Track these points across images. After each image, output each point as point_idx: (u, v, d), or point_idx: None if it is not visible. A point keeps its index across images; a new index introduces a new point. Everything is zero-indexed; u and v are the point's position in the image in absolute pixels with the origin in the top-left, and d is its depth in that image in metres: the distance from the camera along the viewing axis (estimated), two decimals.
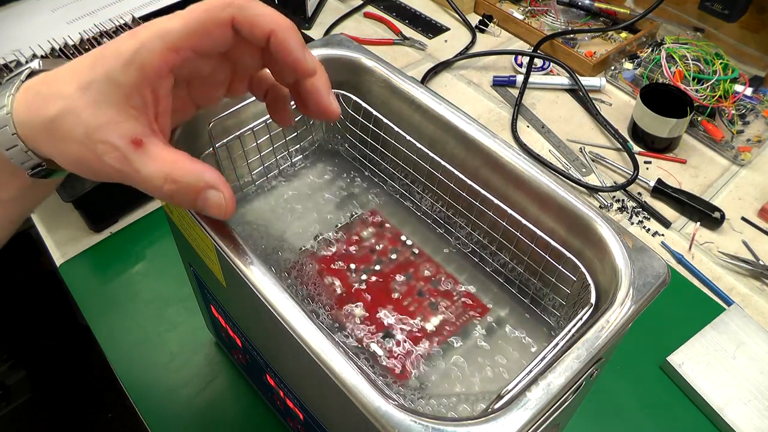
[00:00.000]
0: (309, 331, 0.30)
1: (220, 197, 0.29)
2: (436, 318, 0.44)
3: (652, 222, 0.72)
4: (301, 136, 0.52)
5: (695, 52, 0.85)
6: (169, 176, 0.28)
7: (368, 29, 1.00)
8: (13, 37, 0.72)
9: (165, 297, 0.63)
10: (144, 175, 0.28)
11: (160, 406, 0.55)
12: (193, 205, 0.30)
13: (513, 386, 0.30)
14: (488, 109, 0.86)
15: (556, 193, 0.40)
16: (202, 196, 0.29)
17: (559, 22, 1.00)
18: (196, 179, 0.29)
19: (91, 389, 1.34)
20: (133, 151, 0.28)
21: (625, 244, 0.36)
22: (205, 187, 0.29)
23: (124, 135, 0.28)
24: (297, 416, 0.44)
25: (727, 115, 0.83)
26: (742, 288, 0.66)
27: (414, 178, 0.49)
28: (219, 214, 0.30)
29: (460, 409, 0.39)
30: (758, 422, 0.54)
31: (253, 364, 0.48)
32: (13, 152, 0.30)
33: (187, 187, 0.29)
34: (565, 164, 0.78)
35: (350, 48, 0.48)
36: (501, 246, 0.45)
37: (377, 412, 0.28)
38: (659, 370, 0.59)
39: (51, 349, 1.39)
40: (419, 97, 0.46)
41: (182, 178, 0.29)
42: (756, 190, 0.76)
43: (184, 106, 0.34)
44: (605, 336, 0.32)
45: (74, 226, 0.68)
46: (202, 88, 0.34)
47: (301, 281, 0.46)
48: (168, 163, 0.29)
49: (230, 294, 0.41)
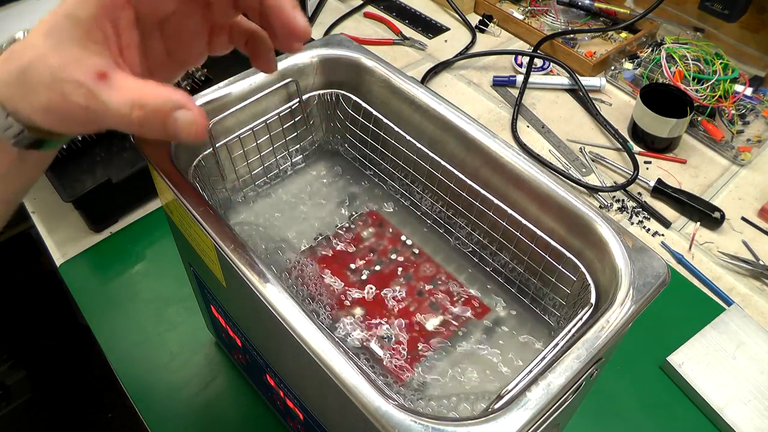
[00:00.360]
0: (309, 331, 0.30)
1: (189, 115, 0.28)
2: (436, 318, 0.44)
3: (652, 222, 0.72)
4: (301, 136, 0.52)
5: (695, 52, 0.85)
6: (136, 102, 0.28)
7: (368, 29, 1.00)
8: None
9: (165, 297, 0.63)
10: (112, 108, 0.28)
11: (160, 406, 0.55)
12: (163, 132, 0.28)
13: (513, 386, 0.30)
14: (488, 109, 0.86)
15: (556, 193, 0.40)
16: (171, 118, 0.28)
17: (559, 22, 1.00)
18: (163, 101, 0.28)
19: (91, 389, 1.34)
20: (98, 84, 0.28)
21: (625, 244, 0.36)
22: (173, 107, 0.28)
23: (87, 70, 0.28)
24: (297, 416, 0.44)
25: (727, 115, 0.83)
26: (742, 288, 0.66)
27: (414, 178, 0.49)
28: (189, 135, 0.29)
29: (460, 409, 0.39)
30: (758, 422, 0.54)
31: (253, 364, 0.48)
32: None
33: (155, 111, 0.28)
34: (565, 164, 0.78)
35: (350, 48, 0.48)
36: (501, 246, 0.45)
37: (377, 412, 0.28)
38: (659, 370, 0.59)
39: (51, 349, 1.39)
40: (419, 97, 0.46)
41: (149, 102, 0.28)
42: (756, 190, 0.76)
43: (164, 61, 0.34)
44: (605, 336, 0.32)
45: (74, 226, 0.68)
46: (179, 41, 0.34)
47: (301, 281, 0.46)
48: (134, 90, 0.28)
49: (230, 294, 0.41)
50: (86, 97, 0.28)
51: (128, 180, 0.65)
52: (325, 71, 0.49)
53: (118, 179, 0.64)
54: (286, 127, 0.49)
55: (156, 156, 0.38)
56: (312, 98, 0.50)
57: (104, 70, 0.28)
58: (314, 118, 0.52)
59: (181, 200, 0.36)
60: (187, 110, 0.28)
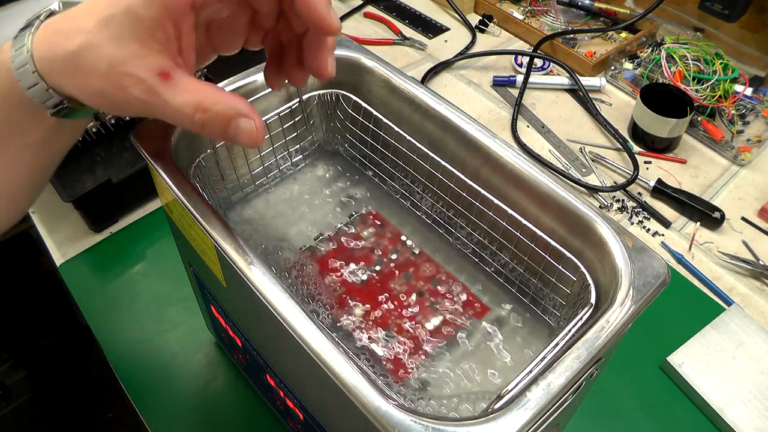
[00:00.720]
0: (309, 331, 0.30)
1: (251, 125, 0.30)
2: (436, 318, 0.44)
3: (652, 222, 0.72)
4: (301, 136, 0.52)
5: (695, 52, 0.85)
6: (200, 105, 0.29)
7: (368, 29, 1.00)
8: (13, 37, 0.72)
9: (165, 297, 0.63)
10: (174, 106, 0.29)
11: (160, 406, 0.55)
12: (223, 134, 0.30)
13: (513, 386, 0.30)
14: (488, 109, 0.86)
15: (556, 193, 0.40)
16: (233, 123, 0.29)
17: (559, 22, 1.00)
18: (227, 107, 0.29)
19: (91, 389, 1.34)
20: (161, 83, 0.28)
21: (625, 244, 0.36)
22: (237, 115, 0.29)
23: (149, 68, 0.28)
24: (297, 416, 0.44)
25: (727, 115, 0.83)
26: (742, 288, 0.66)
27: (414, 178, 0.49)
28: (249, 142, 0.30)
29: (460, 409, 0.39)
30: (758, 422, 0.54)
31: (253, 364, 0.48)
32: (35, 90, 0.30)
33: (219, 115, 0.29)
34: (565, 164, 0.78)
35: (350, 48, 0.48)
36: (501, 246, 0.45)
37: (377, 412, 0.28)
38: (659, 370, 0.59)
39: (51, 349, 1.39)
40: (419, 97, 0.46)
41: (214, 106, 0.29)
42: (756, 190, 0.76)
43: (203, 49, 0.35)
44: (605, 336, 0.32)
45: (74, 226, 0.68)
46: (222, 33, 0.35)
47: (301, 281, 0.46)
48: (198, 93, 0.29)
49: (230, 294, 0.41)
50: (147, 92, 0.28)
51: (128, 180, 0.65)
52: None
53: (118, 179, 0.64)
54: (286, 127, 0.49)
55: (156, 156, 0.38)
56: (312, 98, 0.50)
57: (167, 69, 0.29)
58: (314, 118, 0.52)
59: (181, 200, 0.36)
60: (249, 119, 0.30)
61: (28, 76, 0.30)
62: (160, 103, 0.29)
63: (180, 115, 0.29)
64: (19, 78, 0.30)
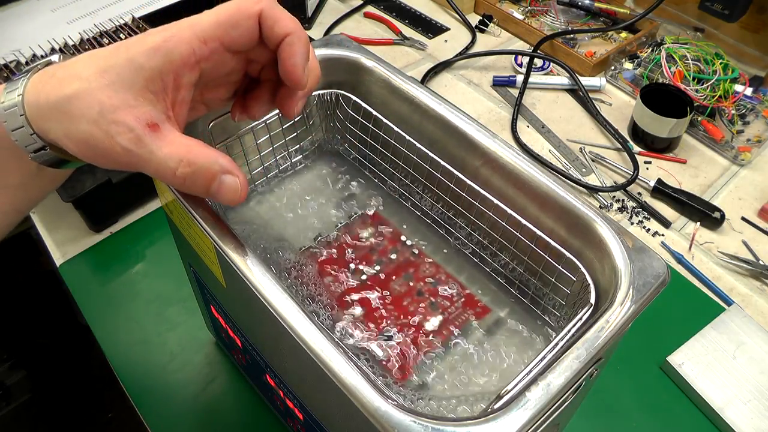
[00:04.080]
0: (309, 332, 0.30)
1: (235, 182, 0.30)
2: (436, 318, 0.44)
3: (652, 222, 0.72)
4: (300, 136, 0.52)
5: (695, 52, 0.85)
6: (184, 159, 0.29)
7: (368, 29, 1.00)
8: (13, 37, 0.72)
9: (165, 297, 0.63)
10: (158, 158, 0.29)
11: (160, 406, 0.55)
12: (205, 190, 0.30)
13: (513, 386, 0.30)
14: (488, 109, 0.86)
15: (556, 193, 0.40)
16: (217, 180, 0.29)
17: (559, 22, 1.00)
18: (211, 163, 0.29)
19: (91, 389, 1.34)
20: (149, 134, 0.28)
21: (625, 244, 0.36)
22: (221, 171, 0.29)
23: (139, 118, 0.28)
24: (297, 416, 0.44)
25: (727, 115, 0.83)
26: (742, 288, 0.66)
27: (414, 178, 0.49)
28: (233, 199, 0.30)
29: (460, 410, 0.39)
30: (758, 422, 0.54)
31: (253, 364, 0.48)
32: (18, 133, 0.30)
33: (202, 171, 0.29)
34: (565, 164, 0.78)
35: (350, 48, 0.48)
36: (501, 246, 0.45)
37: (377, 412, 0.28)
38: (659, 370, 0.59)
39: (51, 349, 1.39)
40: (419, 97, 0.46)
41: (197, 161, 0.29)
42: (756, 190, 0.76)
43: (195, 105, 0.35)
44: (605, 336, 0.32)
45: (74, 226, 0.68)
46: (215, 88, 0.35)
47: (301, 281, 0.45)
48: (183, 147, 0.29)
49: (230, 294, 0.41)
50: (133, 142, 0.28)
51: (128, 180, 0.65)
52: (325, 71, 0.49)
53: (118, 179, 0.64)
54: (285, 127, 0.49)
55: None
56: (312, 98, 0.50)
57: (156, 121, 0.29)
58: (314, 118, 0.52)
59: (181, 200, 0.36)
60: (234, 176, 0.30)
61: (15, 118, 0.29)
62: (145, 154, 0.28)
63: (163, 168, 0.29)
64: (6, 119, 0.30)
